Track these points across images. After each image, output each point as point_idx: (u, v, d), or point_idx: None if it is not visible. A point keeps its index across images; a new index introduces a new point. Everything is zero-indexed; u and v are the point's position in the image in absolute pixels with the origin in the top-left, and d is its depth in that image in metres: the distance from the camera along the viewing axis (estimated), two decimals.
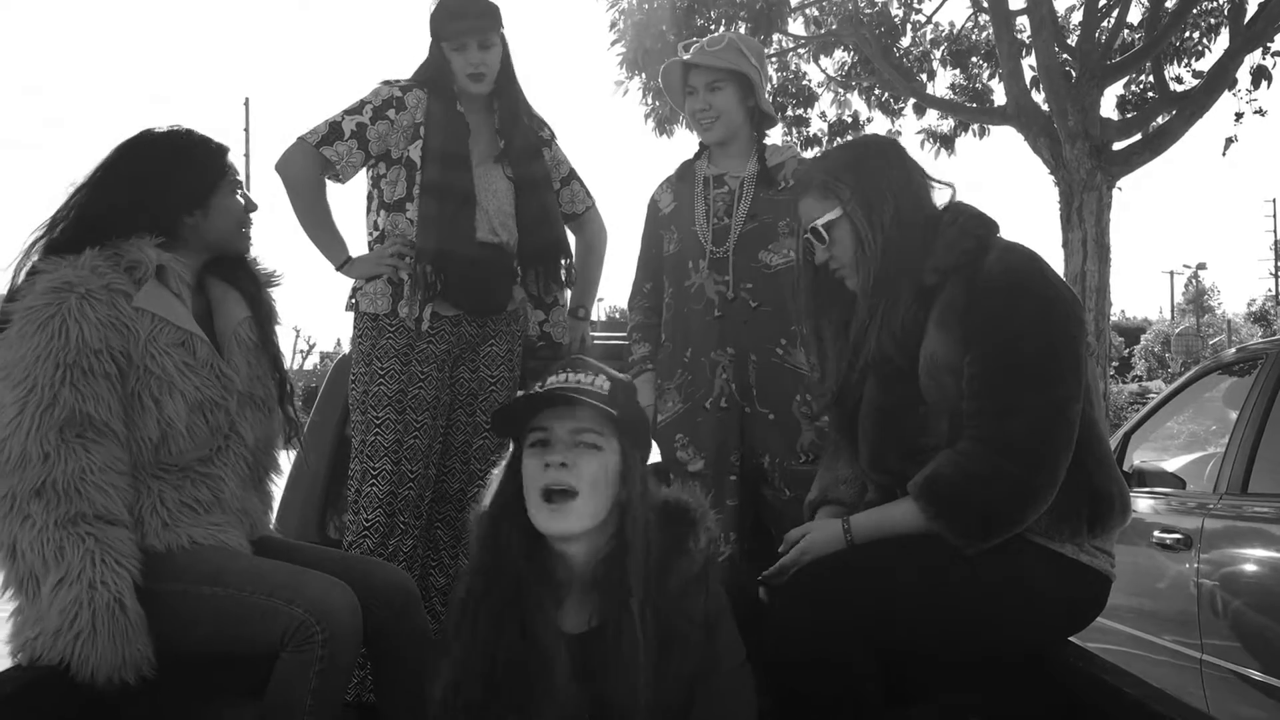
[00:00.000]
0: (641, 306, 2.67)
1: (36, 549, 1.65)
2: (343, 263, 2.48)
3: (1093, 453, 1.72)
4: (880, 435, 1.83)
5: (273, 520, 2.13)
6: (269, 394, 2.00)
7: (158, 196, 1.86)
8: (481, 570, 1.56)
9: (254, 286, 2.03)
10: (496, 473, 1.63)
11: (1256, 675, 2.86)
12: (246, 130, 28.83)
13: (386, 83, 2.50)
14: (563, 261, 2.63)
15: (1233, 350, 4.05)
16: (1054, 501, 1.66)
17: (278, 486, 2.14)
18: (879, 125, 11.12)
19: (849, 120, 11.05)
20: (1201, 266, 45.21)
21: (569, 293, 2.71)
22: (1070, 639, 1.78)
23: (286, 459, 2.18)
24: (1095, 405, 1.77)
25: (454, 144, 2.46)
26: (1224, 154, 9.20)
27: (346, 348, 2.72)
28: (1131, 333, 33.57)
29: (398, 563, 2.37)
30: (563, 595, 1.55)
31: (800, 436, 2.45)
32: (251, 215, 2.00)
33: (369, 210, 2.56)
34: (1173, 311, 48.30)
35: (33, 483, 1.66)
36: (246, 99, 29.56)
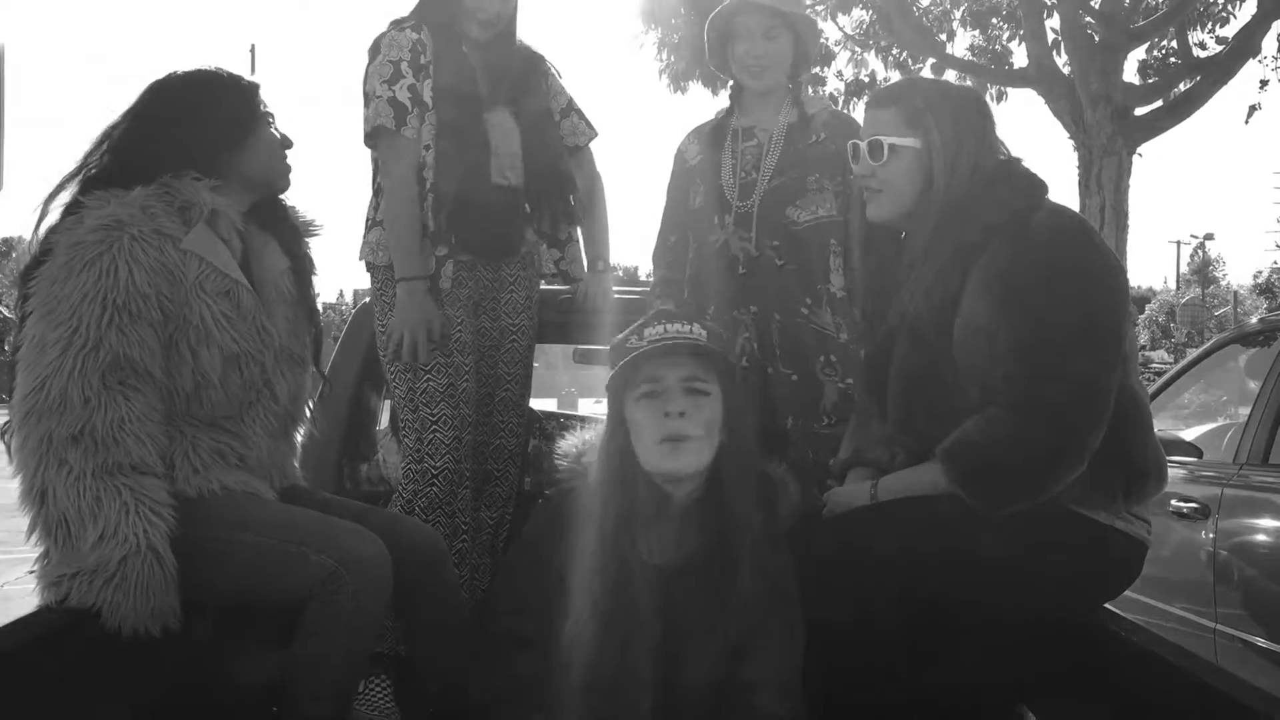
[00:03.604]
0: (666, 261, 2.61)
1: (72, 497, 1.62)
2: (410, 278, 2.32)
3: (1131, 421, 1.69)
4: (910, 398, 1.80)
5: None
6: (304, 348, 1.97)
7: (198, 134, 1.82)
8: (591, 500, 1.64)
9: (293, 237, 2.01)
10: (595, 434, 1.74)
11: (1272, 646, 2.86)
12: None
13: (396, 26, 2.41)
14: (570, 197, 2.56)
15: (1255, 320, 4.01)
16: (1089, 469, 1.63)
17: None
18: None
19: (865, 80, 10.90)
20: (1209, 237, 45.01)
21: (579, 229, 2.64)
22: (1105, 605, 1.77)
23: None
24: (1133, 373, 1.74)
25: (466, 84, 2.38)
26: (1247, 121, 9.07)
27: (350, 299, 2.66)
28: (1137, 302, 33.56)
29: (463, 512, 2.35)
30: (657, 528, 1.64)
31: (823, 398, 2.41)
32: (288, 151, 1.97)
33: (375, 178, 2.45)
34: (1178, 282, 48.11)
35: (71, 428, 1.63)
36: (252, 46, 29.19)
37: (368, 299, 2.64)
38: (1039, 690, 1.79)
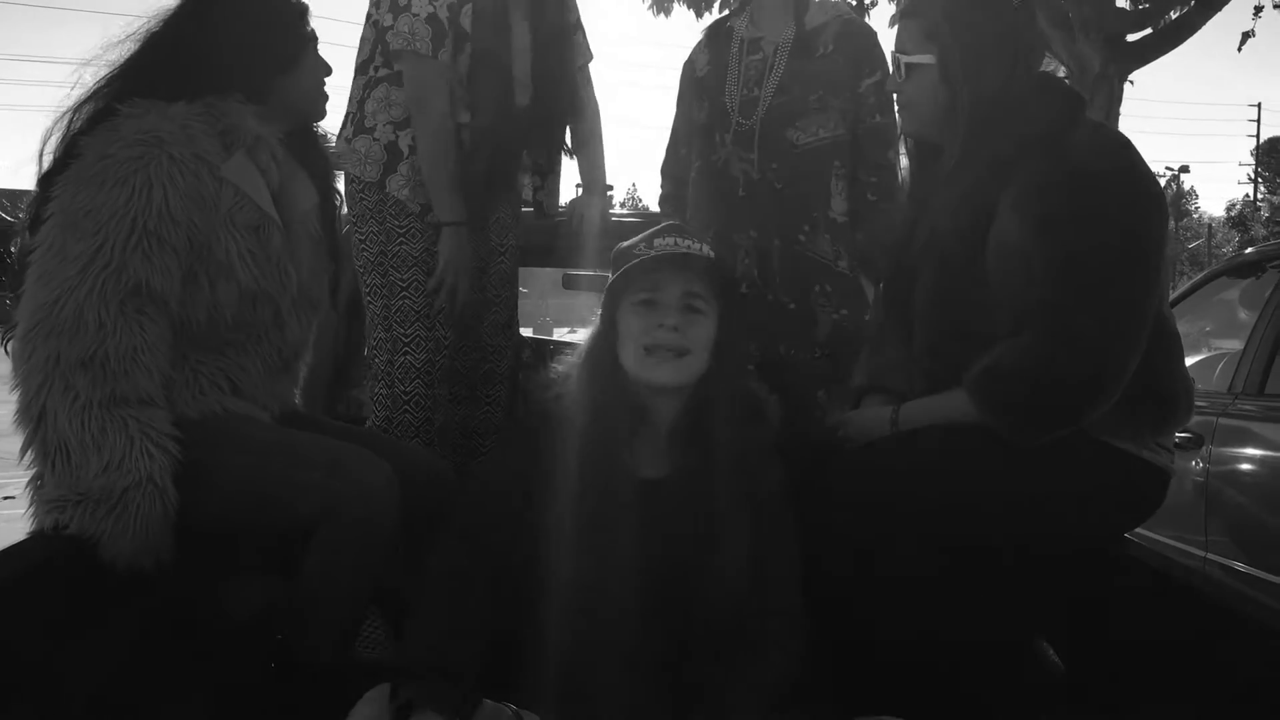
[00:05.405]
0: (674, 175, 2.51)
1: (75, 426, 1.54)
2: (456, 222, 2.22)
3: (1163, 348, 1.65)
4: (938, 320, 1.74)
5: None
6: (322, 289, 1.89)
7: (254, 52, 1.72)
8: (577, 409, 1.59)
9: (325, 169, 1.92)
10: (584, 334, 1.69)
11: (1263, 575, 2.89)
12: None
13: None
14: (570, 127, 2.45)
15: (1250, 250, 3.99)
16: (1119, 397, 1.58)
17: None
18: (884, 10, 10.72)
19: (853, 3, 10.64)
20: (1184, 170, 45.02)
21: (565, 160, 2.52)
22: (1127, 535, 1.75)
23: None
24: (1166, 299, 1.69)
25: (498, 5, 2.24)
26: (1240, 49, 8.91)
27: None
28: None
29: (436, 439, 2.26)
30: (640, 442, 1.60)
31: (816, 328, 2.33)
32: (327, 79, 1.87)
33: (368, 71, 2.28)
34: None
35: (83, 352, 1.54)
36: None
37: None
38: (1057, 622, 1.77)
